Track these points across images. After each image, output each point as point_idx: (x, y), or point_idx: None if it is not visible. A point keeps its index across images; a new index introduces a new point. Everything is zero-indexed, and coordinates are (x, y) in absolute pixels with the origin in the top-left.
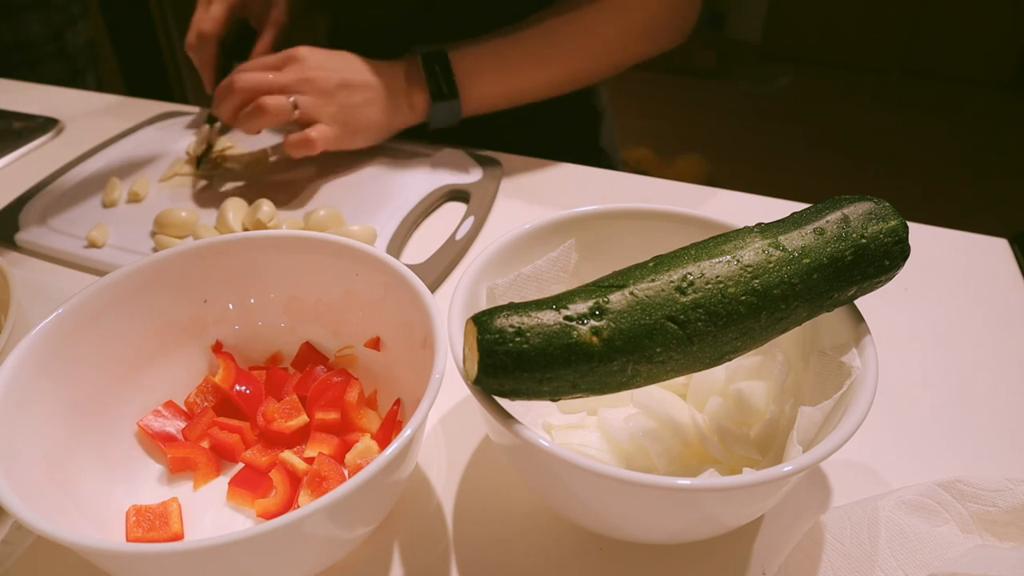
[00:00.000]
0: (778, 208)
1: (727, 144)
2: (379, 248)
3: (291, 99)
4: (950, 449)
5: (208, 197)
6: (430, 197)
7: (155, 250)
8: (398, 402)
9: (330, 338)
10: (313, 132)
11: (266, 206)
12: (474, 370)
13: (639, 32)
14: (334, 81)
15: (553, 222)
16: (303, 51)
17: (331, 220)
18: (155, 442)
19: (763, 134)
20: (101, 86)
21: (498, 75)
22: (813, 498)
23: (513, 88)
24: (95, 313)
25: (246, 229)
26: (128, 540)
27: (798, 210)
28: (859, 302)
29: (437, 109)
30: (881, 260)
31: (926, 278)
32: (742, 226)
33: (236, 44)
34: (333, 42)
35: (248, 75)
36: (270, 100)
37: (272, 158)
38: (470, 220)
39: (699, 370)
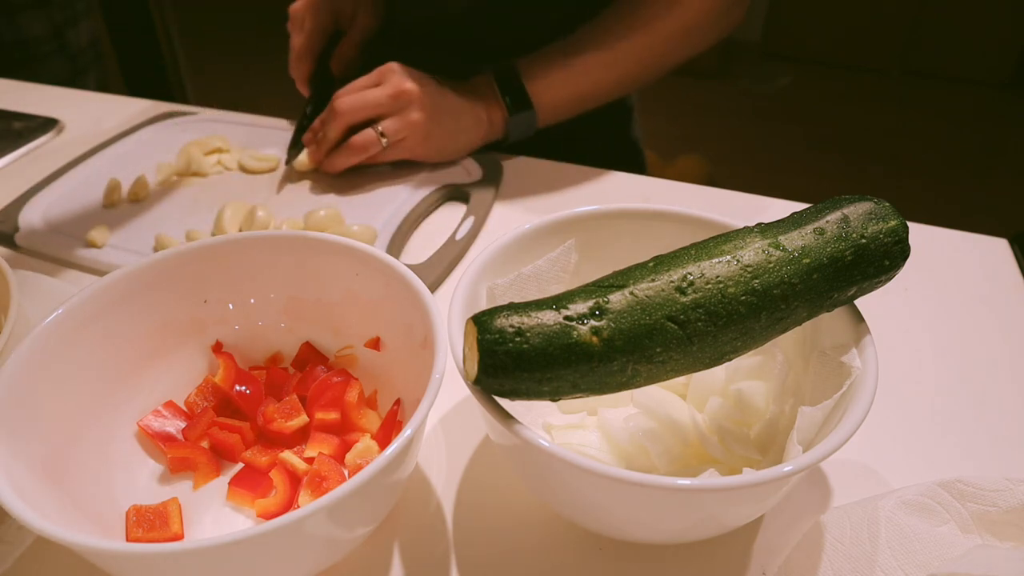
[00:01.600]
0: (778, 208)
1: (727, 144)
2: (379, 248)
3: (379, 128)
4: (950, 449)
5: (208, 199)
6: (430, 197)
7: (155, 250)
8: (398, 402)
9: (330, 338)
10: (381, 154)
11: (261, 212)
12: (474, 370)
13: (696, 26)
14: (428, 94)
15: (553, 222)
16: (396, 66)
17: (331, 220)
18: (155, 442)
19: (763, 134)
20: (103, 86)
21: (567, 83)
22: (813, 498)
23: (583, 94)
24: (95, 313)
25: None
26: (128, 540)
27: (798, 210)
28: (859, 302)
29: (515, 122)
30: (881, 260)
31: (926, 278)
32: (742, 226)
33: (328, 51)
34: (384, 47)
35: (347, 99)
36: (360, 139)
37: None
38: (470, 220)
39: (699, 370)
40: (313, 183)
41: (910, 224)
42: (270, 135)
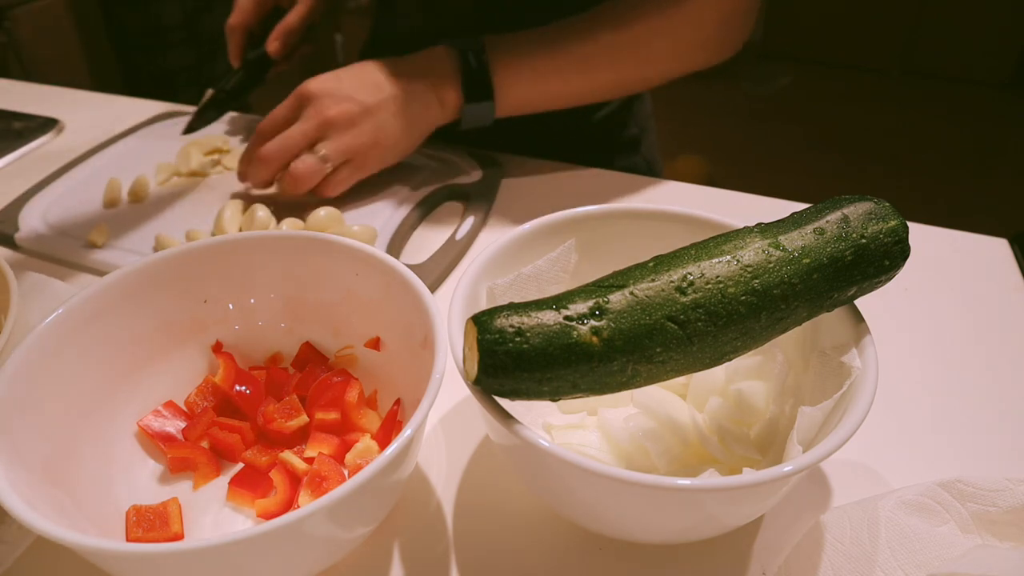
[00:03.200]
0: (778, 208)
1: (727, 144)
2: (379, 248)
3: (320, 153)
4: (950, 449)
5: (208, 199)
6: (430, 197)
7: (155, 250)
8: (398, 402)
9: (330, 338)
10: (332, 182)
11: (261, 211)
12: (474, 370)
13: (689, 46)
14: (355, 111)
15: (553, 222)
16: (312, 87)
17: (331, 220)
18: (155, 442)
19: (763, 134)
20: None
21: (535, 79)
22: (813, 498)
23: (550, 93)
24: (95, 313)
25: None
26: (128, 540)
27: (798, 210)
28: (859, 302)
29: (469, 110)
30: (881, 260)
31: (926, 278)
32: (742, 226)
33: (263, 27)
34: (372, 50)
35: (270, 145)
36: (301, 167)
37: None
38: (470, 220)
39: (699, 370)
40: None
41: (910, 224)
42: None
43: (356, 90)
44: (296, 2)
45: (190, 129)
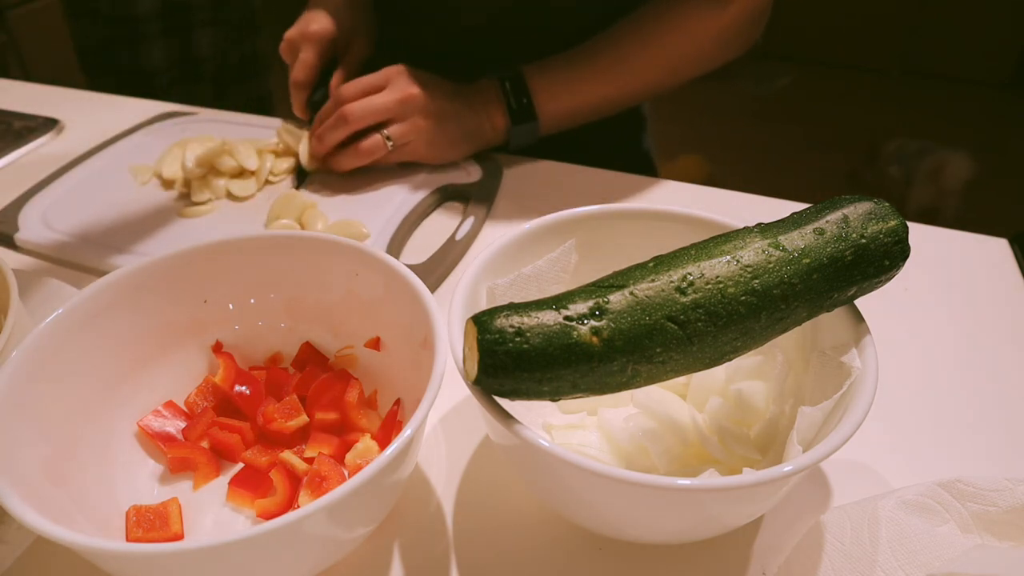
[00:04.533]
0: (778, 208)
1: (727, 144)
2: (379, 248)
3: (385, 132)
4: (950, 449)
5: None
6: (430, 197)
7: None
8: (398, 402)
9: (330, 338)
10: (384, 157)
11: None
12: (474, 370)
13: (713, 47)
14: (430, 102)
15: (553, 222)
16: (403, 67)
17: (311, 214)
18: (155, 442)
19: (763, 134)
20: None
21: (572, 96)
22: (813, 498)
23: (586, 106)
24: (95, 313)
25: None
26: (128, 540)
27: (798, 210)
28: (859, 302)
29: (517, 132)
30: (881, 260)
31: (926, 278)
32: (742, 226)
33: (325, 77)
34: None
35: (355, 106)
36: (368, 143)
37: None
38: (470, 220)
39: (699, 370)
40: (313, 183)
41: (910, 224)
42: (269, 135)
43: (438, 86)
44: (349, 46)
45: (302, 178)
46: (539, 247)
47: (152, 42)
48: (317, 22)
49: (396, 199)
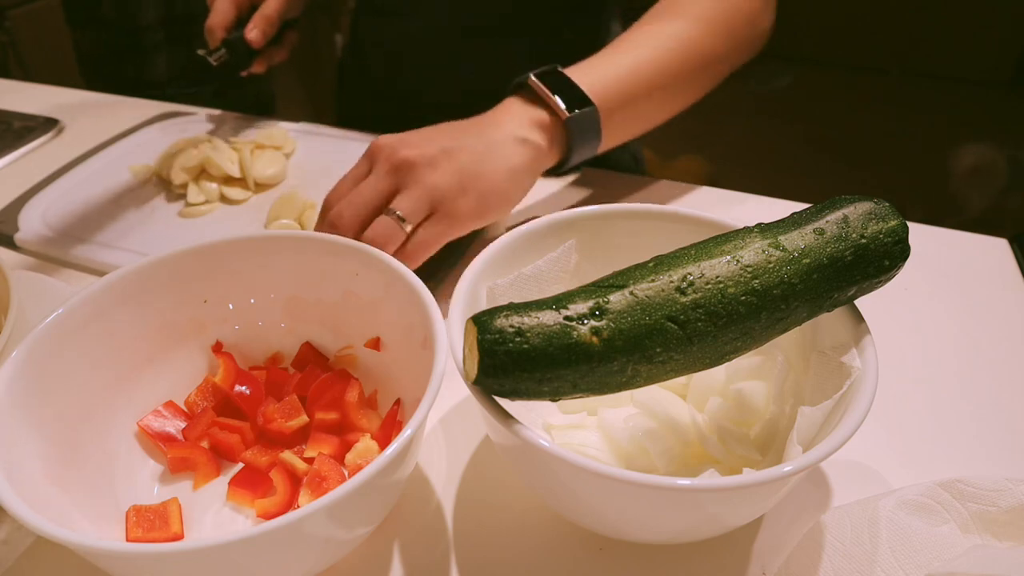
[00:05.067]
0: (778, 208)
1: (727, 144)
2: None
3: (395, 212)
4: (950, 449)
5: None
6: None
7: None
8: (398, 402)
9: (330, 338)
10: (412, 244)
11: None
12: (474, 370)
13: (747, 40)
14: (431, 151)
15: (553, 222)
16: (381, 140)
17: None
18: (155, 442)
19: (763, 134)
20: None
21: (619, 80)
22: (813, 498)
23: (637, 95)
24: (95, 313)
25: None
26: (128, 540)
27: (798, 210)
28: (859, 302)
29: (577, 124)
30: (881, 260)
31: (926, 278)
32: (742, 226)
33: (241, 27)
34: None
35: (338, 209)
36: (375, 230)
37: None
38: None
39: (699, 370)
40: (313, 183)
41: (910, 224)
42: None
43: (431, 137)
44: None
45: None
46: (539, 247)
47: (156, 52)
48: None
49: None
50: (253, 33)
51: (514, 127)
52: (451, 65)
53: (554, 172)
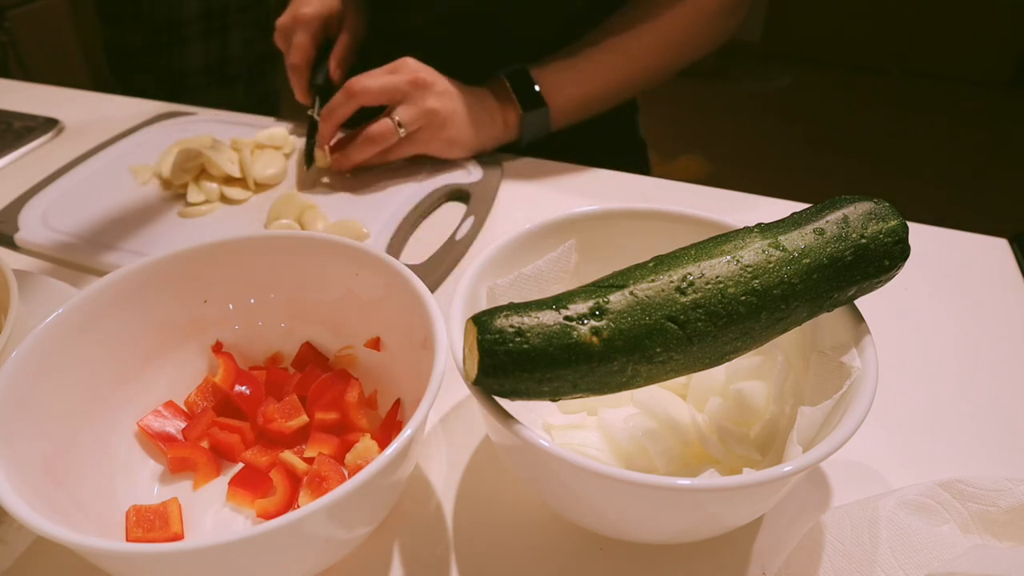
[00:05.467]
0: (778, 208)
1: (727, 144)
2: (379, 248)
3: (395, 116)
4: (950, 449)
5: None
6: (430, 197)
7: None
8: (398, 402)
9: (330, 338)
10: (394, 148)
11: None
12: (474, 370)
13: (698, 26)
14: (441, 86)
15: (553, 222)
16: (409, 59)
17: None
18: (155, 442)
19: (763, 134)
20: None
21: (577, 83)
22: (813, 498)
23: (593, 94)
24: (95, 313)
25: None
26: (128, 540)
27: (798, 210)
28: (859, 302)
29: (528, 120)
30: (881, 260)
31: (926, 278)
32: (742, 226)
33: (321, 59)
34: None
35: (362, 78)
36: (377, 127)
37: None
38: (470, 220)
39: (699, 370)
40: (313, 184)
41: (910, 224)
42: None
43: (447, 77)
44: (342, 26)
45: (310, 163)
46: (539, 247)
47: (192, 44)
48: (308, 5)
49: (396, 199)
50: (336, 74)
51: (494, 107)
52: (451, 62)
53: (512, 147)
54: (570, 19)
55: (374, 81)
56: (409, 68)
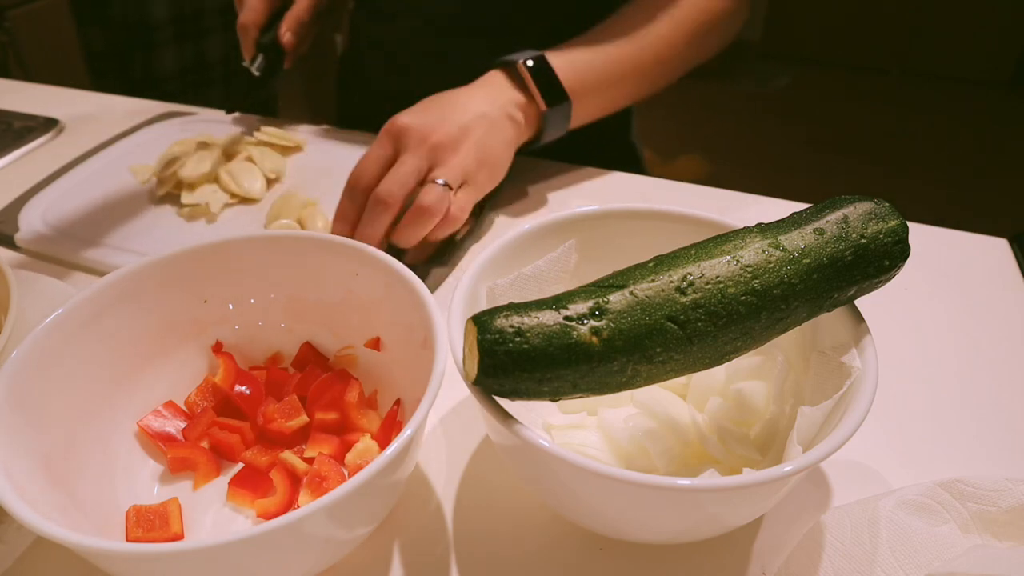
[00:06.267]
0: (778, 208)
1: (727, 144)
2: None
3: (440, 182)
4: (950, 449)
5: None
6: None
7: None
8: (398, 402)
9: (330, 338)
10: (454, 208)
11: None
12: (474, 370)
13: (711, 18)
14: (455, 132)
15: (553, 222)
16: (402, 120)
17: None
18: (155, 442)
19: (763, 134)
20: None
21: (595, 73)
22: (813, 498)
23: (611, 85)
24: (95, 313)
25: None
26: (128, 540)
27: (798, 210)
28: (859, 302)
29: (551, 117)
30: (881, 260)
31: (926, 278)
32: (742, 226)
33: (271, 23)
34: (355, 45)
35: (385, 184)
36: (429, 197)
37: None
38: (470, 220)
39: (699, 370)
40: (313, 183)
41: (910, 224)
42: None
43: (446, 115)
44: None
45: (232, 108)
46: (539, 247)
47: (164, 48)
48: None
49: None
50: (287, 36)
51: (504, 103)
52: (450, 65)
53: (525, 149)
54: (558, 24)
55: (394, 177)
56: (413, 137)
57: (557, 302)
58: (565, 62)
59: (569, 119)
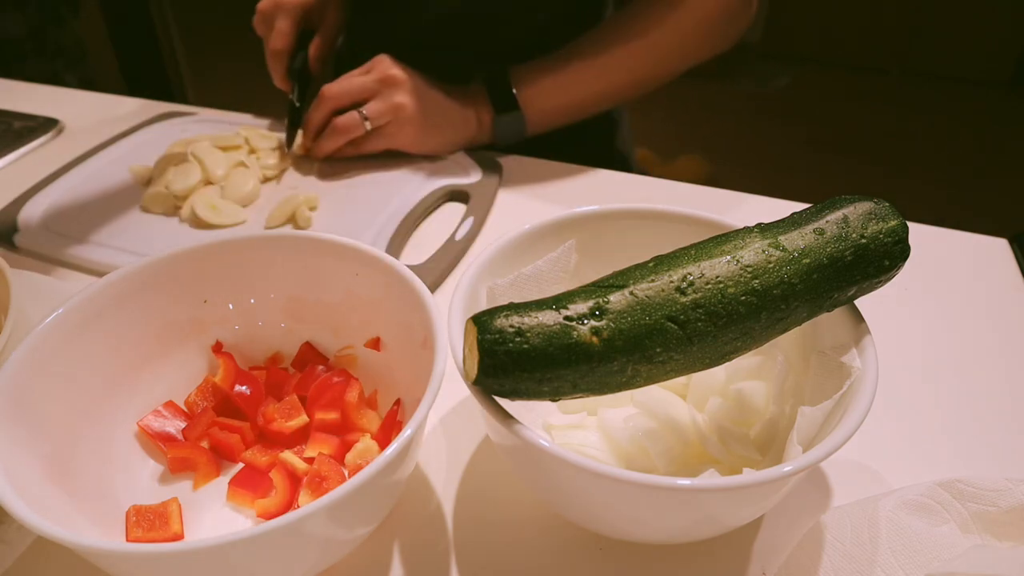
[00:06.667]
0: (778, 208)
1: (727, 144)
2: (379, 248)
3: (362, 110)
4: (950, 449)
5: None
6: (430, 197)
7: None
8: (398, 402)
9: (330, 338)
10: (369, 110)
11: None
12: (474, 370)
13: (692, 37)
14: (411, 83)
15: (553, 222)
16: (386, 56)
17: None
18: (155, 442)
19: (763, 134)
20: (88, 85)
21: (558, 89)
22: (813, 498)
23: (574, 101)
24: (95, 313)
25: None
26: (128, 540)
27: (798, 210)
28: (859, 302)
29: (501, 124)
30: (881, 260)
31: (926, 278)
32: (742, 226)
33: (300, 47)
34: (353, 54)
35: (333, 85)
36: (343, 119)
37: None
38: (470, 220)
39: (699, 370)
40: (313, 183)
41: (910, 224)
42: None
43: (421, 75)
44: (323, 13)
45: (291, 144)
46: (539, 247)
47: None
48: None
49: (396, 199)
50: (317, 67)
51: (469, 108)
52: (438, 66)
53: (488, 147)
54: (556, 22)
55: (344, 84)
56: (381, 66)
57: (557, 302)
58: (529, 73)
59: (522, 128)
